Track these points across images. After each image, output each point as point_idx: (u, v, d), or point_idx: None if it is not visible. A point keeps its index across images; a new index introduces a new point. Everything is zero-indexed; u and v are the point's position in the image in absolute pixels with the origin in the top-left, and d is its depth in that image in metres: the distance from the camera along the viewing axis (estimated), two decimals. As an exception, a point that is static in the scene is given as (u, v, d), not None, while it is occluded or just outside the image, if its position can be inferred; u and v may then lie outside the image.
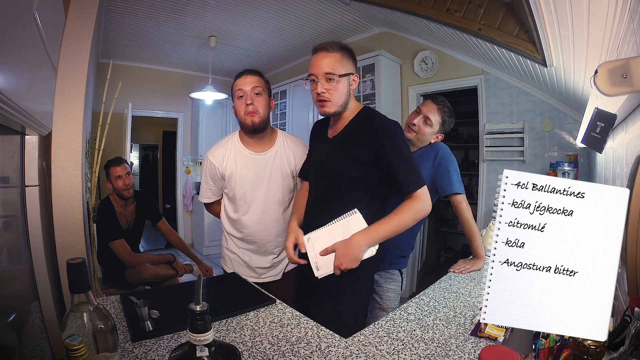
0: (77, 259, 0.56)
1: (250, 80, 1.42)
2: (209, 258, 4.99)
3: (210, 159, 1.51)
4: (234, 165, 1.48)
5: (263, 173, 1.49)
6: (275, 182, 1.51)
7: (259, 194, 1.50)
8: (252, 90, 1.41)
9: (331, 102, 1.18)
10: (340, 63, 1.17)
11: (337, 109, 1.20)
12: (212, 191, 1.60)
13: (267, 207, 1.51)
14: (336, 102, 1.19)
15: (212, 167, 1.51)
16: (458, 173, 1.52)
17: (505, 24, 2.05)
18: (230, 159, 1.49)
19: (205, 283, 1.29)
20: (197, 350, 0.54)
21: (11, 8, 0.55)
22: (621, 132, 1.13)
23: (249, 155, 1.49)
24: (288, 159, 1.53)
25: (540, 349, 0.73)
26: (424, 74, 3.41)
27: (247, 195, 1.49)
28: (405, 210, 1.14)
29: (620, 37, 0.96)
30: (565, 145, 2.64)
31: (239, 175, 1.48)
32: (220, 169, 1.49)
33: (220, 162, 1.49)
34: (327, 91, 1.17)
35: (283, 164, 1.52)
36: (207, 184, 1.59)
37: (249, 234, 1.52)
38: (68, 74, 1.56)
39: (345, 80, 1.19)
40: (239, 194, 1.49)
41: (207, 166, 1.54)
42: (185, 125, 5.48)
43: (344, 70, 1.18)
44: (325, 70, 1.16)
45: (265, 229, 1.52)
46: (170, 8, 3.22)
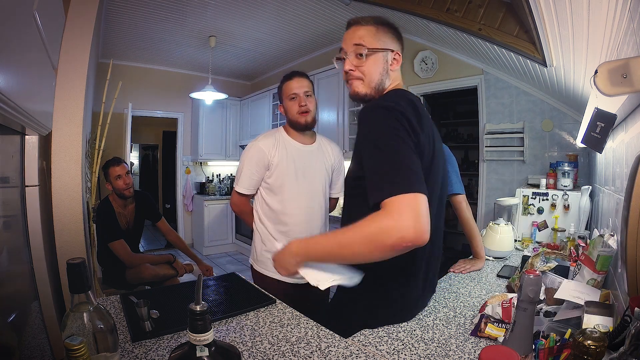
0: (77, 259, 0.56)
1: (303, 84, 1.54)
2: (209, 258, 4.99)
3: (261, 146, 1.53)
4: (284, 153, 1.54)
5: (309, 163, 1.59)
6: (320, 173, 1.61)
7: (304, 183, 1.56)
8: (304, 93, 1.54)
9: (362, 80, 0.97)
10: (374, 36, 0.97)
11: (369, 90, 0.98)
12: (252, 181, 1.57)
13: (313, 196, 1.59)
14: (369, 82, 0.97)
15: (262, 153, 1.52)
16: (458, 173, 1.52)
17: (505, 24, 2.04)
18: (280, 148, 1.55)
19: (205, 283, 1.30)
20: (197, 350, 0.54)
21: (11, 8, 0.55)
22: (621, 132, 1.13)
23: (297, 147, 1.59)
24: (327, 153, 1.66)
25: (540, 349, 0.73)
26: (424, 74, 3.41)
27: (294, 183, 1.55)
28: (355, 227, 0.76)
29: (620, 37, 0.96)
30: (565, 145, 2.64)
31: (287, 163, 1.54)
32: (270, 156, 1.53)
33: (270, 149, 1.54)
34: (357, 68, 0.97)
35: (325, 157, 1.65)
36: (250, 172, 1.55)
37: (295, 224, 1.54)
38: (68, 74, 1.56)
39: (381, 56, 0.97)
40: (286, 181, 1.53)
41: (255, 153, 1.54)
42: (185, 125, 5.48)
43: (378, 44, 0.96)
44: (355, 42, 0.96)
45: (311, 218, 1.57)
46: (170, 8, 3.22)
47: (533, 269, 1.04)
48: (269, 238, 1.56)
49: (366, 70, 0.97)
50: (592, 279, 1.01)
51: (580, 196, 1.92)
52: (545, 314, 0.94)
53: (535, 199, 2.14)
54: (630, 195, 0.80)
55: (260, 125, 5.08)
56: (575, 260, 1.18)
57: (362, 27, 0.98)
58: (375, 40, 0.97)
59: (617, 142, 1.22)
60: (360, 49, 0.96)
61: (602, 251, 0.99)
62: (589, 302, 0.80)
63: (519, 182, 2.86)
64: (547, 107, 2.71)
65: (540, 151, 2.78)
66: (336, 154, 1.69)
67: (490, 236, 1.69)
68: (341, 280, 0.86)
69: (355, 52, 0.97)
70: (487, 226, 1.75)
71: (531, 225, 2.07)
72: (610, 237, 1.02)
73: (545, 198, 2.11)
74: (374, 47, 0.96)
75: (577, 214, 1.95)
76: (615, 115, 0.96)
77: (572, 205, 2.01)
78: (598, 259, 1.00)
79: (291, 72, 1.58)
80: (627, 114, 1.03)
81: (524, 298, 0.66)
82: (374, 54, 0.97)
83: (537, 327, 0.85)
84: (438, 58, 3.30)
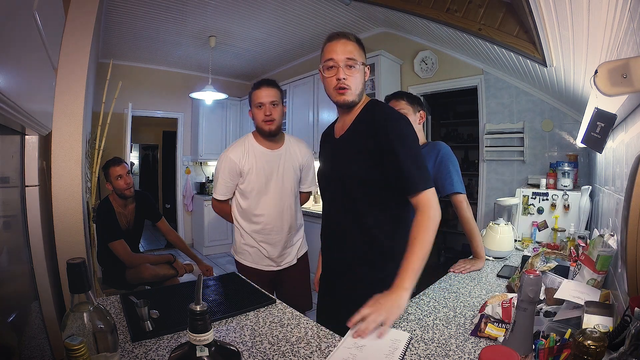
0: (77, 259, 0.56)
1: (269, 93, 1.63)
2: (209, 258, 4.99)
3: (231, 157, 1.68)
4: (253, 160, 1.68)
5: (277, 166, 1.71)
6: (288, 174, 1.74)
7: (274, 185, 1.70)
8: (270, 103, 1.63)
9: (351, 89, 1.12)
10: (359, 52, 1.14)
11: (354, 98, 1.14)
12: (227, 188, 1.73)
13: (283, 196, 1.72)
14: (354, 91, 1.13)
15: (232, 163, 1.67)
16: (459, 173, 1.52)
17: (505, 24, 2.04)
18: (250, 156, 1.69)
19: (205, 283, 1.30)
20: (197, 350, 0.54)
21: (11, 8, 0.55)
22: (621, 132, 1.13)
23: (265, 152, 1.71)
24: (295, 154, 1.78)
25: (540, 349, 0.73)
26: (424, 74, 3.41)
27: (264, 186, 1.69)
28: (421, 229, 1.02)
29: (620, 37, 0.96)
30: (565, 145, 2.64)
31: (257, 169, 1.68)
32: (240, 165, 1.67)
33: (240, 158, 1.68)
34: (348, 77, 1.11)
35: (292, 159, 1.76)
36: (224, 181, 1.71)
37: (267, 223, 1.70)
38: (68, 74, 1.56)
39: (362, 69, 1.14)
40: (256, 186, 1.68)
41: (227, 164, 1.68)
42: (185, 125, 5.48)
43: (362, 59, 1.14)
44: (347, 56, 1.10)
45: (280, 216, 1.72)
46: (170, 8, 3.22)
47: (533, 269, 1.04)
48: (245, 234, 1.75)
49: (354, 81, 1.12)
50: (592, 279, 1.01)
51: (580, 196, 1.92)
52: (545, 314, 0.94)
53: (535, 199, 2.14)
54: (630, 195, 0.80)
55: (260, 125, 5.08)
56: (575, 260, 1.18)
57: (350, 43, 1.12)
58: (359, 55, 1.13)
59: (617, 142, 1.22)
60: (351, 62, 1.10)
61: (602, 251, 0.99)
62: (589, 302, 0.80)
63: (519, 182, 2.86)
64: (547, 107, 2.71)
65: (540, 151, 2.78)
66: (304, 153, 1.82)
67: (490, 236, 1.69)
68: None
69: (347, 64, 1.11)
70: (487, 226, 1.75)
71: (531, 225, 2.07)
72: (610, 237, 1.02)
73: (545, 198, 2.11)
74: (361, 61, 1.12)
75: (577, 214, 1.95)
76: (615, 115, 0.96)
77: (572, 205, 2.01)
78: (598, 259, 1.00)
79: (260, 80, 1.68)
80: (627, 114, 1.03)
81: (524, 298, 0.66)
82: (360, 67, 1.12)
83: (537, 327, 0.85)
84: (438, 58, 3.30)
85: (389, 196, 1.12)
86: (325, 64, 1.13)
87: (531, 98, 2.79)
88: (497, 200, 2.00)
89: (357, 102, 1.16)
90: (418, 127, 1.62)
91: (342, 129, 1.21)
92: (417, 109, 1.63)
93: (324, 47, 1.17)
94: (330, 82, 1.14)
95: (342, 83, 1.11)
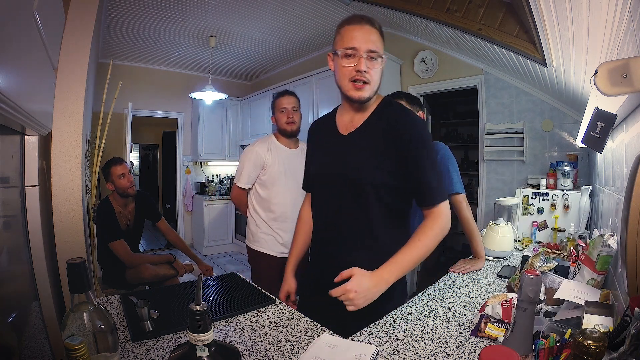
0: (77, 259, 0.56)
1: (290, 100, 1.97)
2: (209, 258, 4.99)
3: (257, 150, 1.96)
4: (276, 155, 1.98)
5: (294, 164, 1.97)
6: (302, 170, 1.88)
7: (290, 179, 1.95)
8: (291, 108, 1.96)
9: (370, 84, 1.00)
10: (382, 43, 1.02)
11: (371, 94, 1.02)
12: (250, 178, 1.99)
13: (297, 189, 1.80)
14: (373, 87, 1.02)
15: (258, 156, 1.95)
16: (458, 173, 1.52)
17: (505, 24, 2.04)
18: (273, 151, 1.98)
19: (205, 283, 1.30)
20: (197, 350, 0.54)
21: (11, 8, 0.55)
22: (621, 132, 1.13)
23: (285, 150, 2.02)
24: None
25: (540, 349, 0.73)
26: (424, 74, 3.41)
27: (282, 179, 1.96)
28: (428, 234, 1.00)
29: (620, 37, 0.96)
30: (565, 145, 2.64)
31: (278, 163, 1.97)
32: (264, 158, 1.96)
33: (265, 152, 1.97)
34: (369, 71, 0.99)
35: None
36: (249, 171, 1.98)
37: (282, 212, 1.97)
38: (68, 74, 1.56)
39: (382, 63, 1.02)
40: (276, 179, 1.96)
41: (252, 155, 1.96)
42: (185, 125, 5.48)
43: (383, 51, 1.01)
44: (371, 47, 0.98)
45: (295, 206, 1.83)
46: (170, 8, 3.22)
47: (533, 269, 1.04)
48: (261, 223, 2.00)
49: (375, 75, 1.01)
50: (592, 279, 1.01)
51: (580, 196, 1.92)
52: (545, 314, 0.94)
53: (535, 199, 2.14)
54: (630, 195, 0.80)
55: (260, 125, 5.08)
56: (575, 260, 1.18)
57: (374, 31, 1.00)
58: (382, 47, 1.01)
59: (617, 142, 1.22)
60: (374, 55, 0.99)
61: (602, 251, 0.99)
62: (589, 302, 0.80)
63: (519, 182, 2.86)
64: (547, 107, 2.71)
65: (540, 151, 2.78)
66: None
67: (490, 236, 1.69)
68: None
69: (369, 56, 0.98)
70: (487, 226, 1.75)
71: (531, 225, 2.07)
72: (610, 237, 1.02)
73: (545, 198, 2.11)
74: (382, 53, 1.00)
75: (577, 214, 1.95)
76: (615, 115, 0.96)
77: (572, 205, 2.01)
78: (598, 259, 1.00)
79: (283, 90, 2.05)
80: (627, 114, 1.03)
81: (524, 298, 0.66)
82: (382, 61, 1.01)
83: (537, 327, 0.85)
84: (438, 58, 3.30)
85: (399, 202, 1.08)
86: (344, 51, 0.98)
87: (531, 98, 2.79)
88: (497, 200, 2.00)
89: (371, 100, 1.05)
90: None
91: (351, 126, 1.10)
92: (416, 110, 1.63)
93: (341, 29, 1.01)
94: (347, 73, 1.00)
95: (362, 76, 0.98)
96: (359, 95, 1.01)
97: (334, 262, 1.10)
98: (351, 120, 1.10)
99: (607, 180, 1.43)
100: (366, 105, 1.07)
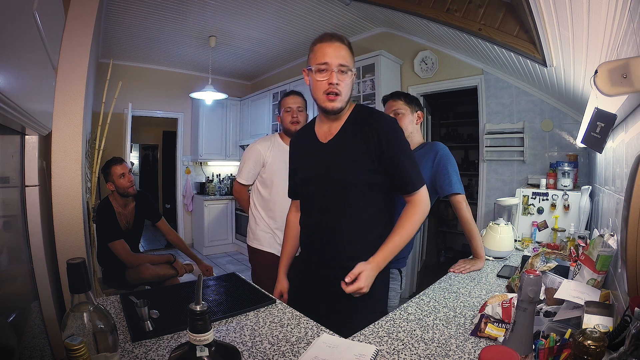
0: (77, 259, 0.56)
1: (296, 100, 1.96)
2: (209, 258, 4.99)
3: (258, 147, 1.99)
4: (277, 154, 1.97)
5: None
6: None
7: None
8: (296, 108, 1.95)
9: (341, 96, 1.12)
10: (351, 58, 1.14)
11: (343, 104, 1.14)
12: (250, 174, 2.02)
13: None
14: (344, 98, 1.13)
15: (258, 153, 1.97)
16: (457, 173, 1.52)
17: (505, 24, 2.04)
18: (274, 150, 1.98)
19: (205, 283, 1.30)
20: (197, 350, 0.54)
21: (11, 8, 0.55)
22: (621, 132, 1.13)
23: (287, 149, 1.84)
24: None
25: (540, 349, 0.73)
26: (424, 74, 3.41)
27: (283, 178, 1.84)
28: (410, 220, 1.13)
29: (620, 37, 0.96)
30: (565, 145, 2.64)
31: (279, 162, 1.95)
32: (265, 156, 1.97)
33: (266, 150, 1.98)
34: (340, 83, 1.11)
35: None
36: (249, 168, 2.00)
37: (280, 210, 1.91)
38: (68, 74, 1.56)
39: (352, 75, 1.14)
40: (276, 178, 1.95)
41: (253, 153, 1.98)
42: (185, 125, 5.48)
43: (352, 64, 1.14)
44: (341, 62, 1.10)
45: None
46: (170, 8, 3.22)
47: (533, 269, 1.04)
48: (261, 221, 2.01)
49: (347, 87, 1.13)
50: (592, 279, 1.01)
51: (580, 196, 1.92)
52: (545, 314, 0.94)
53: (535, 199, 2.14)
54: (630, 195, 0.80)
55: (260, 125, 5.08)
56: (575, 260, 1.18)
57: (343, 48, 1.12)
58: (351, 61, 1.14)
59: (617, 142, 1.22)
60: (344, 68, 1.11)
61: (602, 251, 0.99)
62: (589, 302, 0.80)
63: (519, 182, 2.86)
64: (547, 107, 2.71)
65: (540, 151, 2.78)
66: None
67: (490, 236, 1.69)
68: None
69: (340, 70, 1.11)
70: (487, 226, 1.75)
71: (531, 225, 2.07)
72: (610, 237, 1.02)
73: (545, 198, 2.11)
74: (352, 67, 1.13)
75: (577, 214, 1.95)
76: (615, 115, 0.96)
77: (572, 205, 2.01)
78: (598, 259, 1.00)
79: (290, 90, 2.04)
80: (627, 114, 1.03)
81: (524, 298, 0.66)
82: (352, 74, 1.13)
83: (537, 327, 0.85)
84: (438, 58, 3.30)
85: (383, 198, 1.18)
86: (317, 67, 1.10)
87: (531, 98, 2.79)
88: (497, 200, 2.00)
89: (344, 109, 1.17)
90: (416, 127, 1.63)
91: (329, 134, 1.20)
92: (415, 109, 1.63)
93: (314, 47, 1.13)
94: (321, 86, 1.12)
95: (334, 88, 1.10)
96: (332, 105, 1.13)
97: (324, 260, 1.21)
98: (329, 129, 1.21)
99: (607, 180, 1.43)
100: (340, 115, 1.18)
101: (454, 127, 4.93)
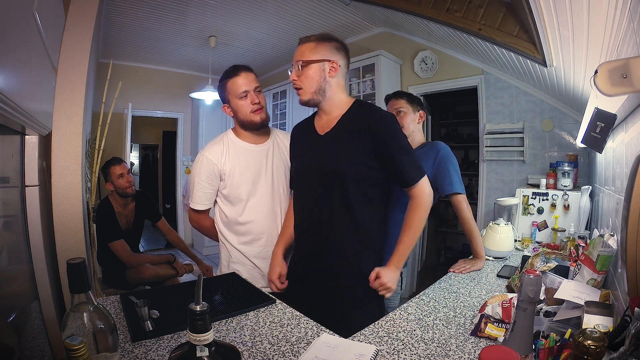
0: (77, 259, 0.56)
1: (250, 79, 1.40)
2: (209, 258, 4.99)
3: (207, 156, 1.38)
4: (235, 159, 1.39)
5: (265, 164, 1.42)
6: (278, 172, 1.45)
7: (263, 186, 1.41)
8: (254, 89, 1.39)
9: (303, 89, 1.19)
10: (312, 50, 1.17)
11: (310, 96, 1.19)
12: (206, 195, 1.42)
13: (274, 198, 1.43)
14: (308, 89, 1.18)
15: (210, 164, 1.37)
16: (458, 173, 1.52)
17: (505, 24, 2.04)
18: (231, 154, 1.40)
19: (205, 283, 1.29)
20: (197, 350, 0.54)
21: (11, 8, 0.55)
22: (621, 132, 1.13)
23: (249, 148, 1.42)
24: (286, 147, 1.47)
25: (540, 349, 0.73)
26: (424, 74, 3.41)
27: (251, 189, 1.40)
28: (416, 218, 1.16)
29: (620, 37, 0.96)
30: (565, 145, 2.64)
31: (241, 169, 1.39)
32: (219, 166, 1.38)
33: (219, 158, 1.38)
34: (298, 78, 1.18)
35: (282, 153, 1.47)
36: (201, 187, 1.40)
37: (258, 233, 1.41)
38: (68, 74, 1.56)
39: (317, 66, 1.16)
40: (242, 190, 1.39)
41: (203, 166, 1.38)
42: (185, 125, 5.48)
43: (316, 56, 1.16)
44: (296, 59, 1.19)
45: (273, 223, 1.43)
46: (170, 8, 3.22)
47: (533, 269, 1.04)
48: (233, 250, 1.44)
49: (304, 80, 1.18)
50: (592, 279, 1.01)
51: (580, 196, 1.92)
52: (545, 314, 0.94)
53: (535, 199, 2.14)
54: (630, 195, 0.80)
55: (260, 125, 5.08)
56: (575, 260, 1.18)
57: (304, 45, 1.19)
58: (312, 53, 1.16)
59: (617, 142, 1.22)
60: (299, 63, 1.18)
61: (602, 251, 0.99)
62: (589, 302, 0.80)
63: (519, 182, 2.86)
64: (547, 107, 2.71)
65: (540, 151, 2.78)
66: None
67: (490, 236, 1.69)
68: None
69: (297, 66, 1.18)
70: (487, 226, 1.75)
71: (531, 225, 2.06)
72: (610, 237, 1.02)
73: (545, 198, 2.11)
74: (309, 59, 1.16)
75: (577, 214, 1.95)
76: (615, 115, 0.96)
77: (572, 205, 2.01)
78: (598, 259, 1.00)
79: (233, 66, 1.40)
80: (627, 114, 1.03)
81: (524, 298, 0.66)
82: (308, 65, 1.16)
83: (537, 327, 0.85)
84: (438, 58, 3.30)
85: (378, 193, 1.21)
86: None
87: (531, 98, 2.79)
88: (497, 200, 2.00)
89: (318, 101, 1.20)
90: (417, 127, 1.63)
91: (327, 127, 1.23)
92: (417, 109, 1.63)
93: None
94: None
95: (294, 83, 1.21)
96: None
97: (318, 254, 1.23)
98: (327, 121, 1.23)
99: (607, 180, 1.43)
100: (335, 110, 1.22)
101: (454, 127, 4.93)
